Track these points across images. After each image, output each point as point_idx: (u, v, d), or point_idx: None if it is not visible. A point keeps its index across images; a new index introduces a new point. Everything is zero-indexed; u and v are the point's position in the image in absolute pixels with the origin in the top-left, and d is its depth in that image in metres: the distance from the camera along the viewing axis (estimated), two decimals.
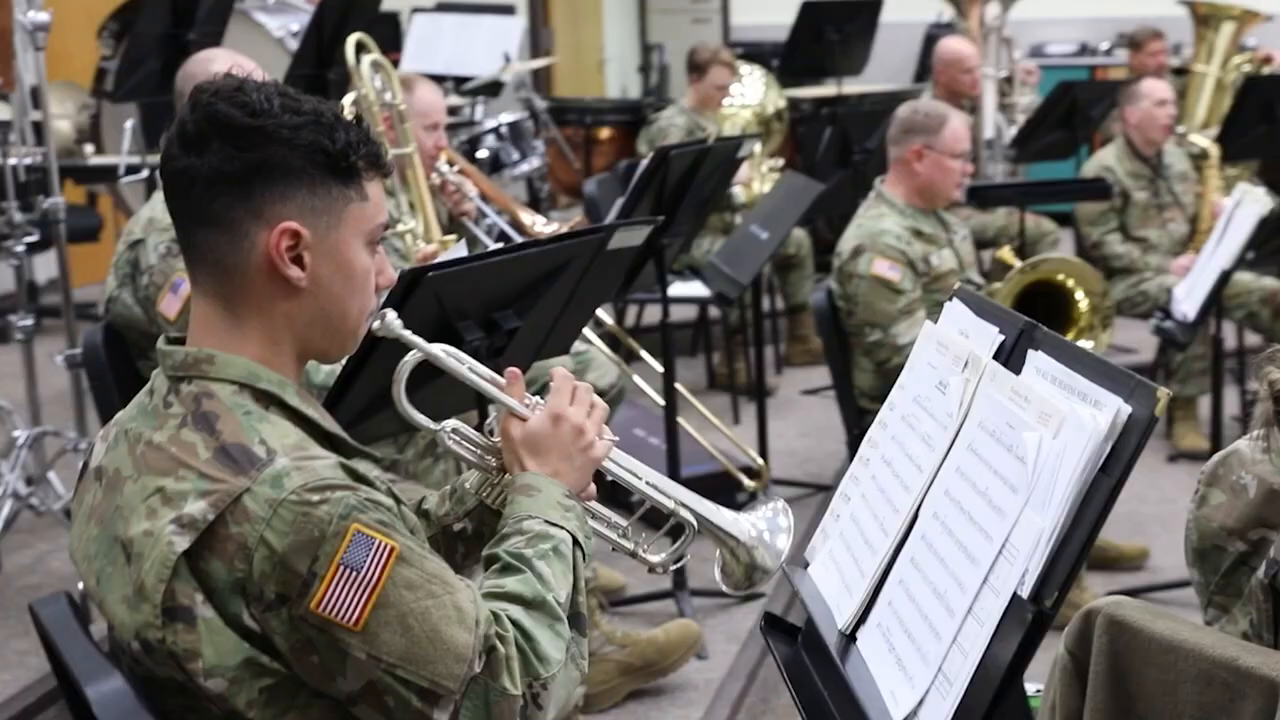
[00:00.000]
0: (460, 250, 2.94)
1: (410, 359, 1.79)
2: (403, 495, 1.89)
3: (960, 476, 1.57)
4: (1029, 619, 1.34)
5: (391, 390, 1.81)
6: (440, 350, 1.78)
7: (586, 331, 3.70)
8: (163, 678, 1.54)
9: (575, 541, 1.69)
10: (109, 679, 1.52)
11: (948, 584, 1.50)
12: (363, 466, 1.59)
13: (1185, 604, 3.65)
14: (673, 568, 1.91)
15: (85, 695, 1.52)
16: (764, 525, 1.85)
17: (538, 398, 1.81)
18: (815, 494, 5.04)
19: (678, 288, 5.14)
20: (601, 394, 4.34)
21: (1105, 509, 1.34)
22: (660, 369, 4.17)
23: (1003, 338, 1.64)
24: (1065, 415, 1.40)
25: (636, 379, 4.47)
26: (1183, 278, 5.53)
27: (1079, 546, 1.33)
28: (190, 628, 1.50)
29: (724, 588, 1.88)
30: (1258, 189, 4.22)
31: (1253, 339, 5.72)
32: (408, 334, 1.75)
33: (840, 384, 4.47)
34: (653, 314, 5.97)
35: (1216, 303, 4.20)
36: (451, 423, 1.83)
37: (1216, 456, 2.08)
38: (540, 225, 4.23)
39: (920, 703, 1.46)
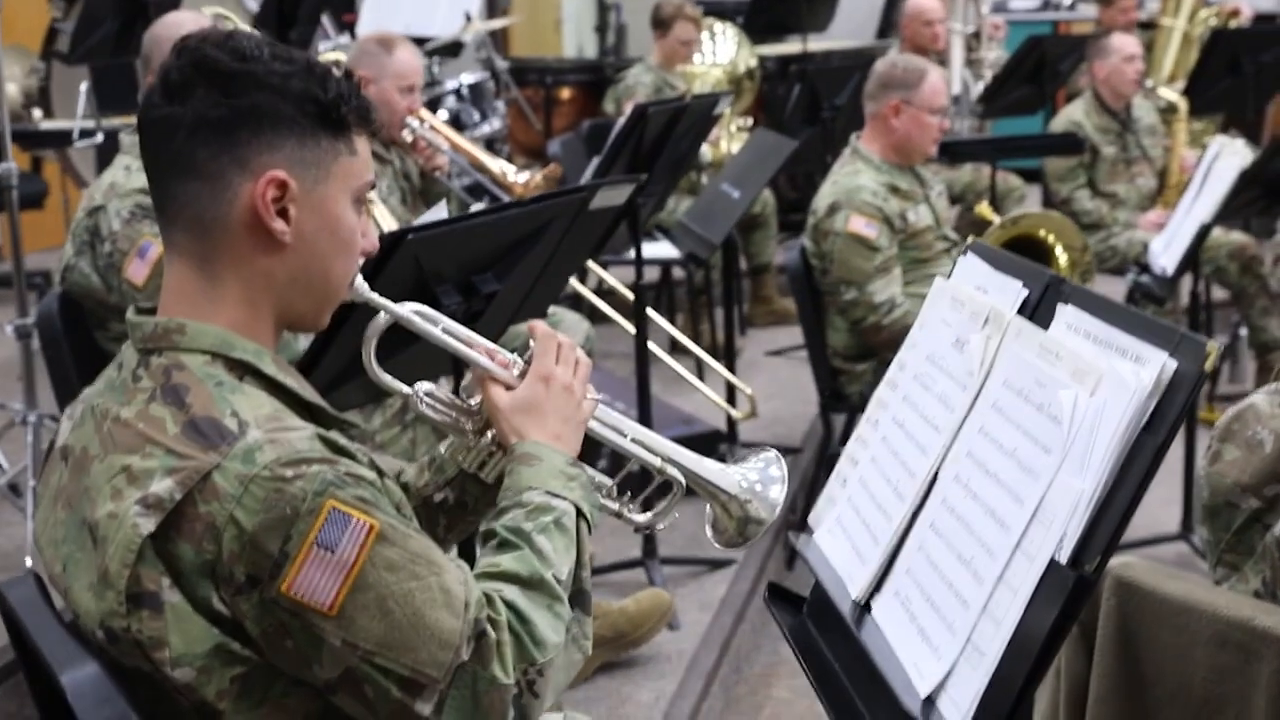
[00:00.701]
0: (440, 212, 2.83)
1: (381, 321, 1.69)
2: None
3: (984, 437, 1.50)
4: (1070, 585, 1.26)
5: (361, 356, 1.71)
6: (412, 312, 1.69)
7: None
8: (129, 667, 1.44)
9: (580, 513, 1.60)
10: (84, 665, 1.42)
11: (974, 550, 1.42)
12: (344, 439, 1.49)
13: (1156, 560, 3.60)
14: (660, 527, 1.82)
15: (58, 682, 1.42)
16: (755, 476, 1.77)
17: (514, 354, 1.72)
18: (785, 456, 4.96)
19: (646, 249, 5.04)
20: None
21: (1150, 470, 1.27)
22: (633, 330, 4.07)
23: (1027, 292, 1.56)
24: (1103, 372, 1.33)
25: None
26: (1152, 233, 5.52)
27: (1122, 509, 1.26)
28: (156, 614, 1.41)
29: (715, 544, 1.80)
30: (1236, 141, 4.17)
31: (1219, 294, 5.69)
32: (375, 296, 1.65)
33: (813, 344, 4.40)
34: (618, 276, 5.88)
35: (1195, 257, 4.15)
36: (424, 385, 1.74)
37: (1231, 411, 2.02)
38: (512, 174, 4.12)
39: (948, 674, 1.38)
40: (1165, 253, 4.28)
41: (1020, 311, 1.55)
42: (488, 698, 1.43)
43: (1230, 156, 4.04)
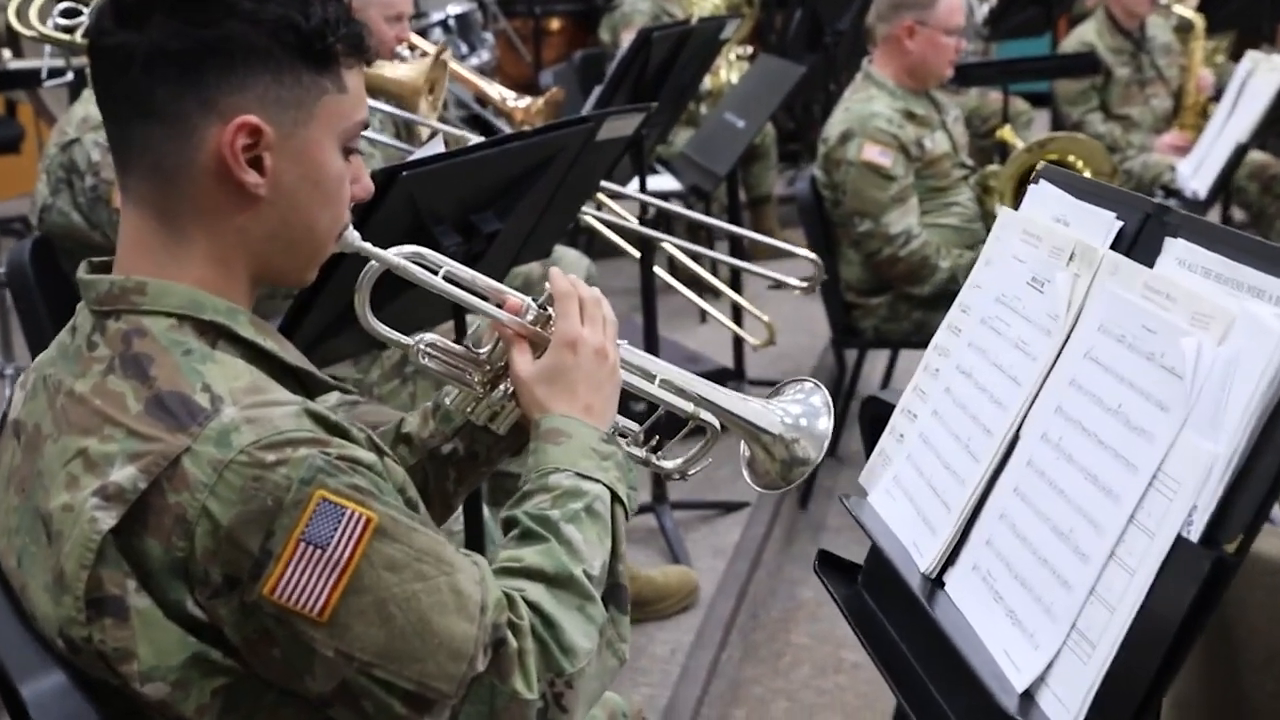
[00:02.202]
0: (436, 147, 2.62)
1: (374, 269, 1.49)
2: (373, 422, 1.62)
3: (1078, 391, 1.30)
4: (1206, 568, 1.07)
5: (355, 306, 1.51)
6: (407, 259, 1.47)
7: None
8: (96, 680, 1.25)
9: (615, 496, 1.41)
10: (48, 675, 1.23)
11: (1073, 521, 1.23)
12: (336, 415, 1.28)
13: None
14: (692, 472, 1.64)
15: (19, 693, 1.23)
16: (799, 410, 1.58)
17: (528, 299, 1.52)
18: None
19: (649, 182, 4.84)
20: None
21: None
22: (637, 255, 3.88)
23: (1121, 224, 1.36)
24: (1234, 316, 1.13)
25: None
26: (1169, 155, 5.31)
27: (1270, 478, 1.06)
28: (121, 622, 1.21)
29: (754, 486, 1.61)
30: (1274, 56, 3.94)
31: (1237, 214, 5.50)
32: (368, 246, 1.44)
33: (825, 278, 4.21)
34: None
35: (1229, 180, 3.94)
36: (426, 336, 1.54)
37: None
38: (512, 100, 3.91)
39: (1049, 666, 1.20)
40: (1196, 175, 4.07)
41: (1115, 246, 1.35)
42: (507, 714, 1.24)
43: (1268, 73, 3.82)
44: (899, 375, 4.64)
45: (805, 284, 3.39)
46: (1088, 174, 3.69)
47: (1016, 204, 3.86)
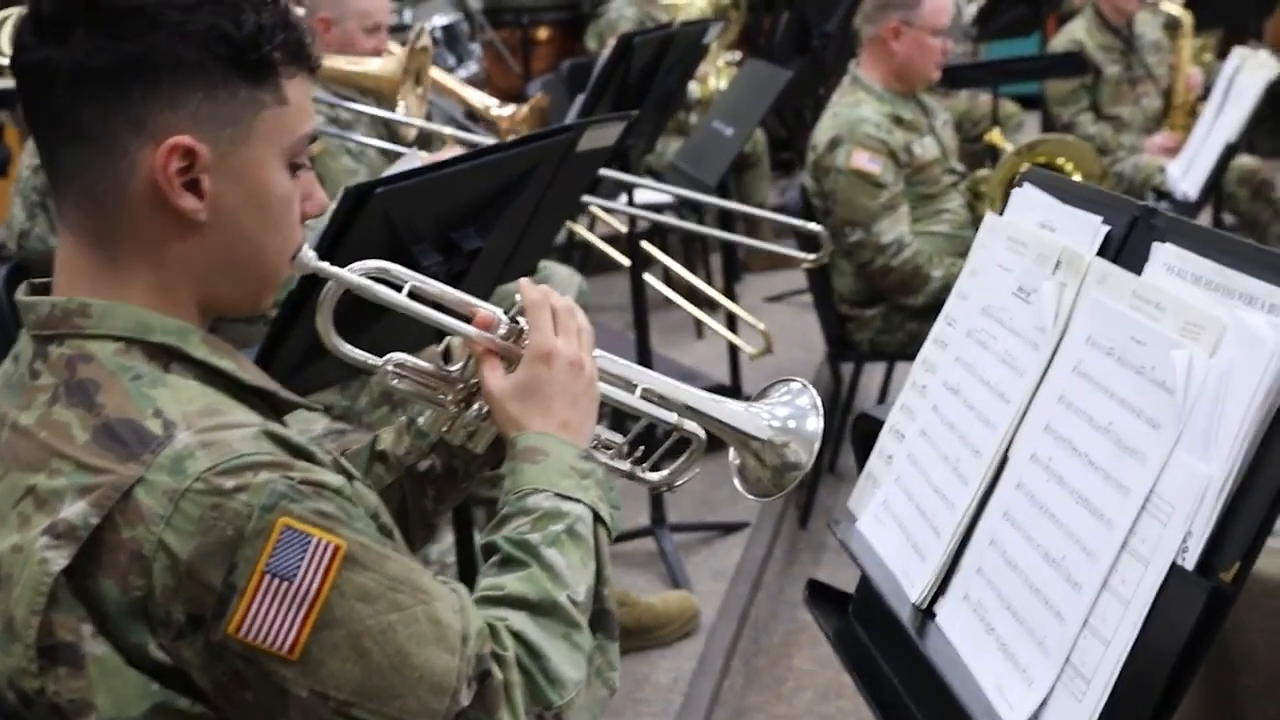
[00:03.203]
0: (412, 162, 2.56)
1: (334, 288, 1.41)
2: (358, 450, 1.55)
3: (1067, 408, 1.24)
4: (1203, 598, 1.01)
5: (316, 321, 1.44)
6: (367, 277, 1.39)
7: None
8: None
9: (597, 516, 1.34)
10: None
11: (1065, 548, 1.17)
12: (298, 437, 1.22)
13: None
14: (678, 484, 1.57)
15: None
16: (786, 412, 1.51)
17: (499, 311, 1.45)
18: None
19: (636, 194, 4.78)
20: None
21: None
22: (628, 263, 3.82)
23: (1108, 228, 1.30)
24: (1226, 325, 1.07)
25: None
26: (1160, 157, 5.25)
27: (1267, 500, 1.00)
28: (76, 671, 1.14)
29: (746, 495, 1.54)
30: (1260, 52, 3.88)
31: (1227, 219, 5.43)
32: (324, 265, 1.37)
33: (818, 290, 4.16)
34: (607, 226, 5.61)
35: (1219, 181, 3.88)
36: (395, 356, 1.47)
37: None
38: (496, 108, 3.86)
39: (1043, 704, 1.14)
40: (1186, 177, 4.01)
41: (1102, 252, 1.30)
42: None
43: (1255, 70, 3.76)
44: (895, 388, 4.58)
45: (814, 258, 3.36)
46: (1078, 177, 3.64)
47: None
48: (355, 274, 1.38)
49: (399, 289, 1.40)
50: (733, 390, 4.61)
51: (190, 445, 1.14)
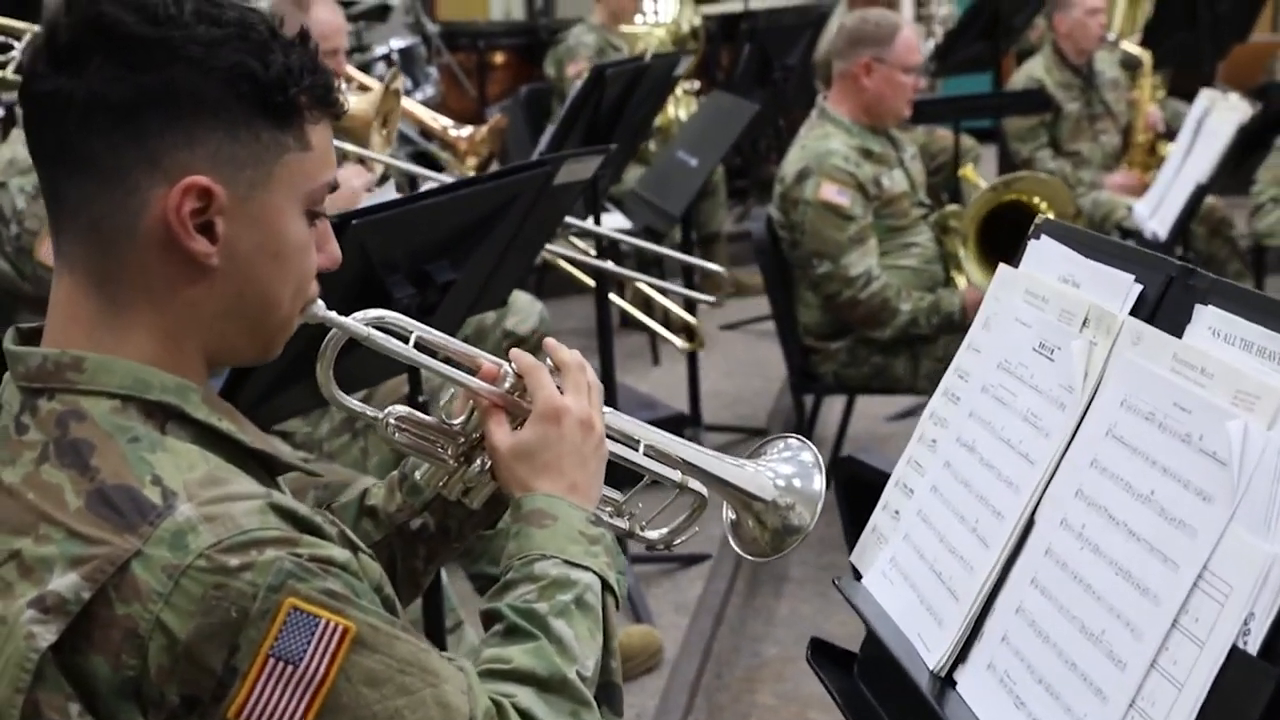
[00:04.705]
0: (388, 193, 2.49)
1: (338, 336, 1.36)
2: (326, 481, 1.48)
3: (1102, 474, 1.19)
4: (1270, 687, 0.96)
5: (317, 371, 1.39)
6: (374, 328, 1.35)
7: None
8: None
9: (605, 584, 1.29)
10: None
11: (1105, 622, 1.12)
12: (305, 507, 1.15)
13: None
14: (677, 543, 1.53)
15: None
16: (790, 469, 1.47)
17: (505, 364, 1.39)
18: (749, 439, 4.70)
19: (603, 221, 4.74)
20: (523, 340, 3.94)
21: None
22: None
23: (1141, 287, 1.26)
24: None
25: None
26: (1119, 195, 5.27)
27: None
28: None
29: (743, 555, 1.50)
30: (1231, 95, 3.90)
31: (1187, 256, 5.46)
32: (333, 316, 1.31)
33: (782, 321, 4.13)
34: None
35: (1189, 221, 3.89)
36: (397, 409, 1.41)
37: None
38: (454, 130, 3.81)
39: None
40: (1155, 216, 4.01)
41: (1134, 312, 1.25)
42: None
43: (1226, 112, 3.77)
44: (856, 421, 4.55)
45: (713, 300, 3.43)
46: (1051, 215, 3.62)
47: (981, 245, 3.78)
48: (361, 324, 1.32)
49: (404, 339, 1.35)
50: (693, 420, 4.56)
51: (192, 519, 1.07)
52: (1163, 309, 1.22)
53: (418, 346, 1.36)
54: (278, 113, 1.16)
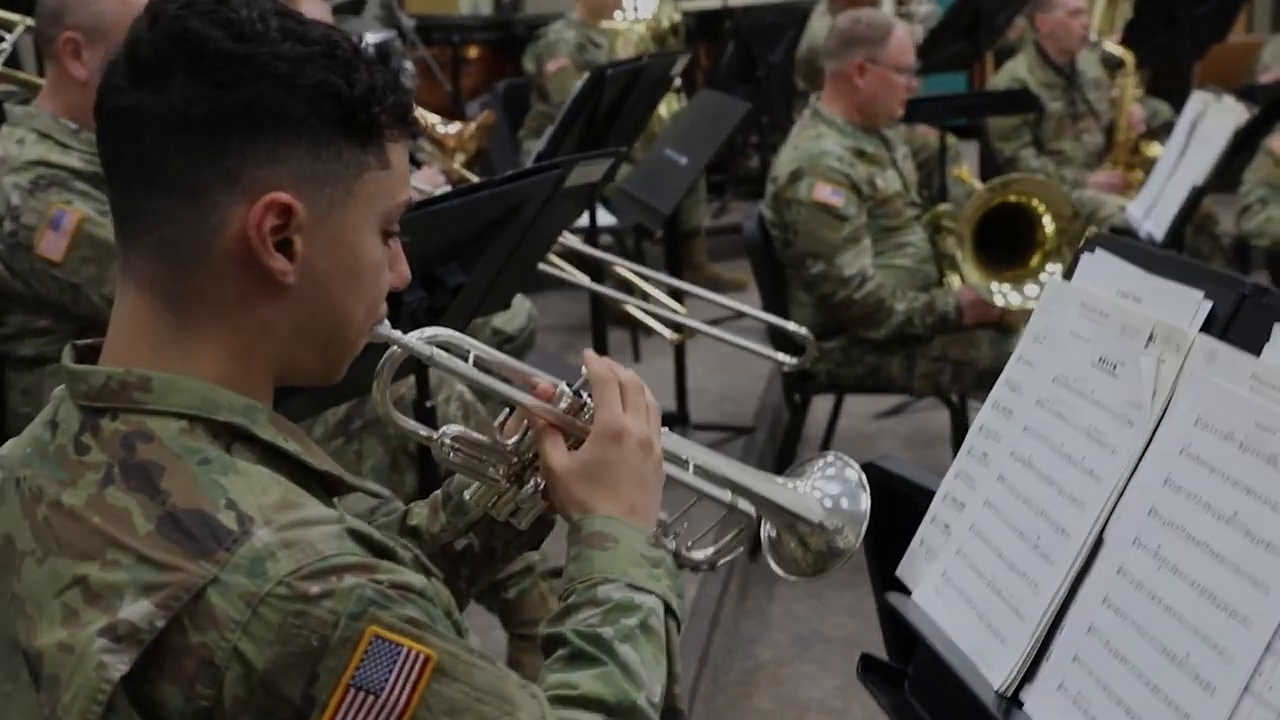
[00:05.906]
0: None
1: (396, 355, 1.33)
2: (383, 524, 1.46)
3: (1176, 493, 1.18)
4: None
5: (373, 390, 1.37)
6: (436, 346, 1.32)
7: None
8: None
9: (668, 608, 1.26)
10: None
11: (1190, 644, 1.11)
12: (380, 533, 1.12)
13: None
14: (722, 563, 1.52)
15: None
16: (837, 489, 1.46)
17: (563, 385, 1.37)
18: (736, 437, 4.69)
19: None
20: (511, 339, 3.90)
21: None
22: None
23: (1210, 304, 1.24)
24: None
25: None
26: (1104, 193, 5.30)
27: None
28: None
29: (783, 575, 1.49)
30: (1226, 98, 3.91)
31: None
32: (398, 335, 1.29)
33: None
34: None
35: (1185, 223, 3.89)
36: (451, 429, 1.39)
37: None
38: (440, 126, 3.77)
39: None
40: (1150, 218, 4.02)
41: (1204, 330, 1.24)
42: None
43: (1221, 115, 3.78)
44: (845, 420, 4.54)
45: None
46: (1048, 217, 3.62)
47: (977, 245, 3.76)
48: (424, 343, 1.30)
49: (464, 357, 1.33)
50: (680, 419, 4.54)
51: (270, 544, 1.04)
52: (1235, 326, 1.21)
53: (475, 365, 1.34)
54: (360, 131, 1.14)
